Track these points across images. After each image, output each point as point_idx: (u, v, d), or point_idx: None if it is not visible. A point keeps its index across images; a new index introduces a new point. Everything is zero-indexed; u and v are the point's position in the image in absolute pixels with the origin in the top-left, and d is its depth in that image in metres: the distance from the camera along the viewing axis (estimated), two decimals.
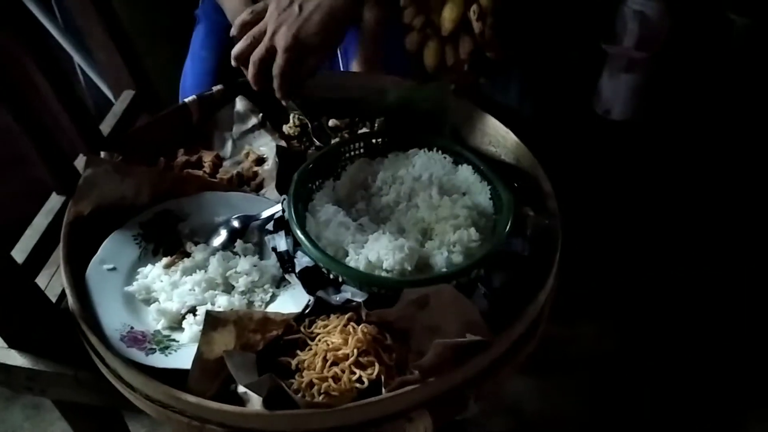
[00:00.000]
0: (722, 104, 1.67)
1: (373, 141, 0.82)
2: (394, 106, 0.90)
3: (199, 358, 0.61)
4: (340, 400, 0.61)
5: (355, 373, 0.62)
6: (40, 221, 0.74)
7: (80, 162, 0.80)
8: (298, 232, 0.67)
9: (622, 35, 1.63)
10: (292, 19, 0.77)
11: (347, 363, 0.63)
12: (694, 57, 1.66)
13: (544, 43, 1.68)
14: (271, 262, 0.75)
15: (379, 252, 0.66)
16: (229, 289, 0.73)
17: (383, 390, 0.61)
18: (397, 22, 1.15)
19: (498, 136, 0.88)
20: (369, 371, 0.62)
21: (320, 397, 0.61)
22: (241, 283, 0.72)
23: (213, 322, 0.62)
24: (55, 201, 0.76)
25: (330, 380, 0.62)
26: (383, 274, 0.66)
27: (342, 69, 1.18)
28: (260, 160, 0.88)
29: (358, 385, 0.62)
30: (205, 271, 0.73)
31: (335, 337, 0.64)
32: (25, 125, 0.69)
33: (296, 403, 0.59)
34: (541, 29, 1.62)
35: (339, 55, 1.19)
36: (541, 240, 0.76)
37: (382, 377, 0.62)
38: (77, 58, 1.11)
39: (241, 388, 0.63)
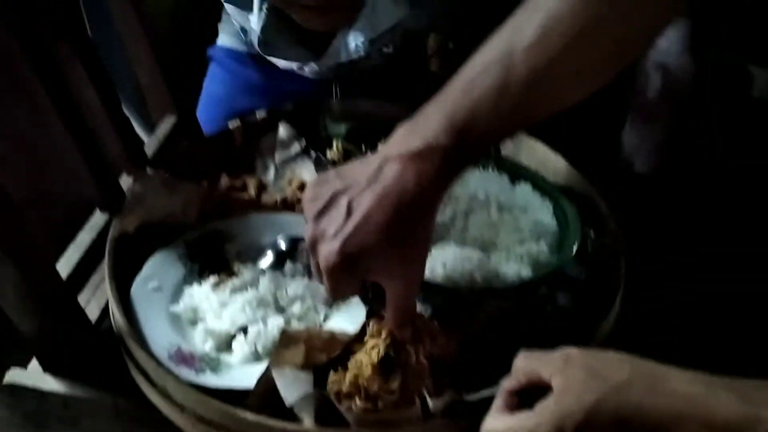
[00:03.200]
0: (744, 156, 1.67)
1: None
2: None
3: (265, 374, 0.58)
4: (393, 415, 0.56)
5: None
6: (84, 237, 0.71)
7: (124, 181, 0.77)
8: None
9: (645, 87, 1.65)
10: (336, 226, 0.53)
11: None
12: (715, 110, 1.68)
13: None
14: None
15: (445, 262, 0.63)
16: (279, 308, 0.69)
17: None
18: None
19: (547, 162, 0.86)
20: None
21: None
22: (295, 309, 0.69)
23: (286, 340, 0.59)
24: (98, 218, 0.73)
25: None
26: (449, 285, 0.63)
27: None
28: (304, 186, 0.86)
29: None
30: (256, 290, 0.69)
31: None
32: (78, 137, 0.67)
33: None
34: None
35: None
36: (604, 261, 0.73)
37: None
38: None
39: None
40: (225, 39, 1.17)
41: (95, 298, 0.73)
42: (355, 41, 0.89)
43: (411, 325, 0.59)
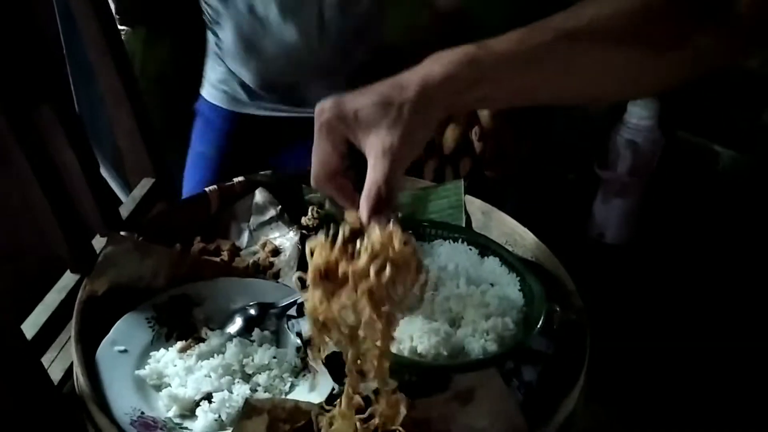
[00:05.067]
0: (712, 230, 1.71)
1: None
2: (412, 203, 0.91)
3: None
4: None
5: None
6: (53, 298, 0.71)
7: (97, 242, 0.78)
8: None
9: (616, 161, 1.70)
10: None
11: None
12: (683, 185, 1.73)
13: (541, 166, 1.73)
14: (290, 351, 0.72)
15: (413, 335, 0.63)
16: (245, 376, 0.69)
17: None
18: None
19: (515, 235, 0.88)
20: None
21: None
22: (261, 378, 0.68)
23: (249, 410, 0.58)
24: (68, 279, 0.73)
25: None
26: (416, 358, 0.63)
27: None
28: (276, 251, 0.87)
29: None
30: (223, 357, 0.69)
31: None
32: (52, 197, 0.67)
33: None
34: (538, 152, 1.68)
35: None
36: (569, 336, 0.74)
37: None
38: None
39: None
40: (210, 91, 1.22)
41: (59, 359, 0.72)
42: None
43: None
